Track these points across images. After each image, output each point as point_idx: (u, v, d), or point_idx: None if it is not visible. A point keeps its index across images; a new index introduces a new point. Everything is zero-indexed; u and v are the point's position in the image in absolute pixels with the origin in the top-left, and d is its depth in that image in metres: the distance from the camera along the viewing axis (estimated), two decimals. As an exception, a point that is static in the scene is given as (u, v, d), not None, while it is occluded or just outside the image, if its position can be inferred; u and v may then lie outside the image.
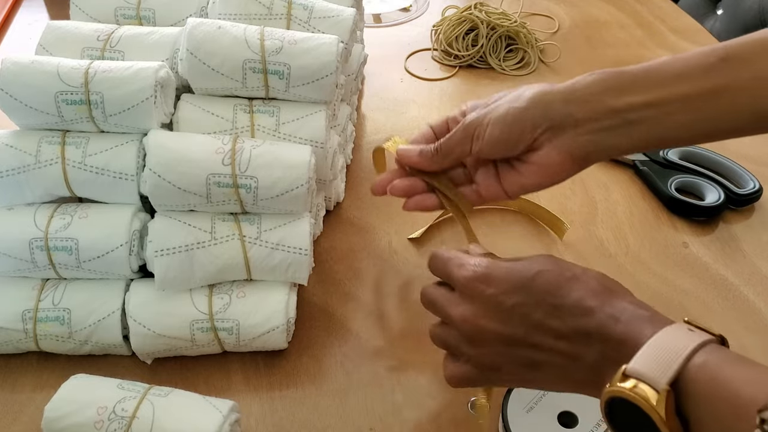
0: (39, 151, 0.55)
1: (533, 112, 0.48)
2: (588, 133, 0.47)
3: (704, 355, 0.35)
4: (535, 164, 0.50)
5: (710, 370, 0.34)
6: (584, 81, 0.48)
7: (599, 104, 0.47)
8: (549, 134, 0.48)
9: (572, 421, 0.50)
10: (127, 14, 0.67)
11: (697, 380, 0.34)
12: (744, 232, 0.70)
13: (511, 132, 0.49)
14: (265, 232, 0.56)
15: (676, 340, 0.35)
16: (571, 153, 0.48)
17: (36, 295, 0.56)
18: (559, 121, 0.48)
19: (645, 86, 0.47)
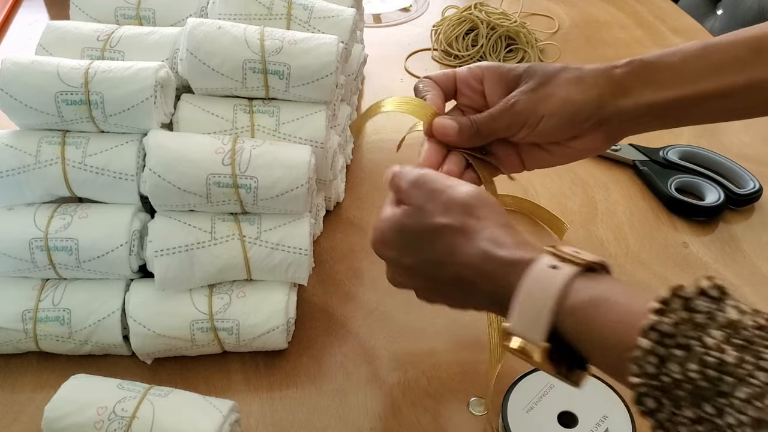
0: (39, 151, 0.55)
1: (589, 109, 0.50)
2: (628, 121, 0.50)
3: (573, 296, 0.37)
4: (575, 149, 0.52)
5: (580, 310, 0.36)
6: (625, 73, 0.50)
7: (641, 98, 0.49)
8: (596, 125, 0.50)
9: (572, 421, 0.50)
10: (127, 14, 0.67)
11: (571, 322, 0.37)
12: (744, 232, 0.70)
13: (564, 126, 0.50)
14: (265, 232, 0.56)
15: (542, 288, 0.37)
16: (611, 137, 0.51)
17: (36, 295, 0.56)
18: (607, 115, 0.50)
19: (681, 80, 0.49)
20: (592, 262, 0.38)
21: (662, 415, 0.33)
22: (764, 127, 0.84)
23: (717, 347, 0.31)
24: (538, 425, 0.49)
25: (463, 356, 0.58)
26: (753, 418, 0.29)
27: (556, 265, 0.38)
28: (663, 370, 0.32)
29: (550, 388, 0.51)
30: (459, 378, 0.56)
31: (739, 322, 0.31)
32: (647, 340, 0.32)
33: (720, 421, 0.30)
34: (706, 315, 0.32)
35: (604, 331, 0.35)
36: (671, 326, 0.32)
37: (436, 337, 0.60)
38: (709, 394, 0.31)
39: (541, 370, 0.39)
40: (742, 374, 0.30)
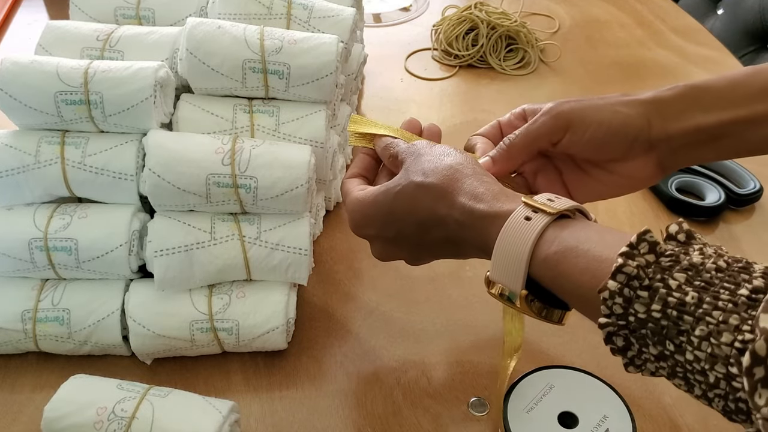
0: (38, 151, 0.55)
1: (639, 123, 0.48)
2: (679, 147, 0.49)
3: (545, 246, 0.39)
4: (623, 175, 0.50)
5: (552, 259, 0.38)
6: (673, 96, 0.49)
7: (690, 121, 0.48)
8: (645, 147, 0.49)
9: (573, 422, 0.50)
10: (126, 14, 0.67)
11: (544, 270, 0.39)
12: (744, 232, 0.70)
13: (614, 138, 0.48)
14: (264, 232, 0.56)
15: (516, 240, 0.39)
16: (663, 166, 0.50)
17: (35, 295, 0.56)
18: (656, 136, 0.49)
19: (731, 102, 0.48)
20: (565, 210, 0.40)
21: (631, 353, 0.35)
22: (765, 127, 0.84)
23: (679, 288, 0.32)
24: (539, 426, 0.49)
25: (463, 356, 0.58)
26: (708, 353, 0.31)
27: (529, 216, 0.40)
28: (629, 311, 0.34)
29: (550, 388, 0.51)
30: (459, 378, 0.56)
31: (701, 265, 0.33)
32: (615, 282, 0.34)
33: (680, 358, 0.32)
34: (671, 258, 0.34)
35: (573, 277, 0.37)
36: (637, 269, 0.33)
37: (436, 337, 0.60)
38: (671, 332, 0.32)
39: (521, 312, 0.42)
40: (700, 313, 0.31)
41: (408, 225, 0.46)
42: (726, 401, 0.31)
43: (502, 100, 0.90)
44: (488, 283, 0.42)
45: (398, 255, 0.50)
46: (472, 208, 0.42)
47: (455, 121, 0.86)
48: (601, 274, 0.35)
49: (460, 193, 0.44)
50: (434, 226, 0.45)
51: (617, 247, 0.35)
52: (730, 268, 0.32)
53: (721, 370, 0.30)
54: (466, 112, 0.88)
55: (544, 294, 0.41)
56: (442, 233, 0.45)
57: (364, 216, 0.48)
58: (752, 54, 1.22)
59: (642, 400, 0.54)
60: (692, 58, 0.98)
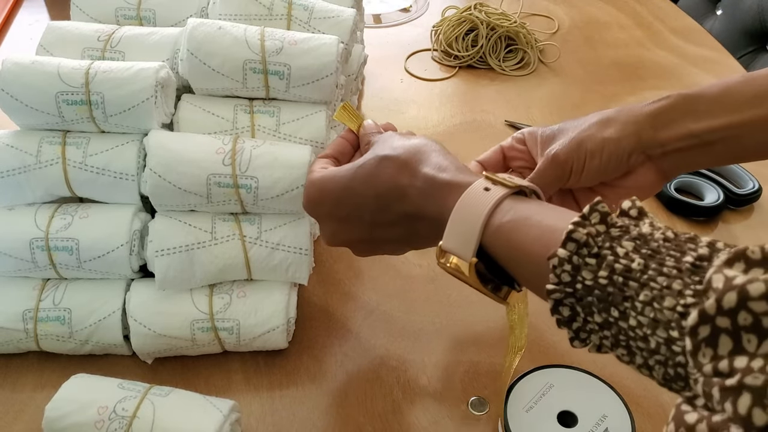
0: (40, 152, 0.55)
1: (627, 142, 0.49)
2: (673, 152, 0.50)
3: (500, 215, 0.40)
4: (628, 187, 0.51)
5: (505, 227, 0.39)
6: (665, 106, 0.50)
7: (681, 128, 0.49)
8: (642, 158, 0.50)
9: (572, 421, 0.50)
10: (127, 15, 0.67)
11: (497, 239, 0.39)
12: (743, 232, 0.70)
13: (609, 162, 0.50)
14: (265, 232, 0.56)
15: (473, 207, 0.40)
16: (663, 172, 0.51)
17: (37, 295, 0.56)
18: (649, 146, 0.50)
19: (723, 109, 0.48)
20: (522, 186, 0.41)
21: (576, 324, 0.36)
22: (763, 128, 0.84)
23: (626, 256, 0.33)
24: (538, 424, 0.49)
25: (463, 356, 0.58)
26: (650, 318, 0.31)
27: (488, 188, 0.41)
28: (577, 278, 0.34)
29: (549, 387, 0.51)
30: (459, 378, 0.57)
31: (650, 235, 0.34)
32: (565, 249, 0.34)
33: (624, 324, 0.33)
34: (621, 228, 0.35)
35: (524, 245, 0.38)
36: (587, 236, 0.34)
37: (436, 337, 0.60)
38: (616, 299, 0.33)
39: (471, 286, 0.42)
40: (645, 279, 0.32)
41: (365, 198, 0.46)
42: (666, 368, 0.32)
43: (502, 100, 0.90)
44: (440, 254, 0.42)
45: (349, 237, 0.49)
46: (435, 177, 0.43)
47: (455, 122, 0.86)
48: (552, 244, 0.36)
49: (425, 164, 0.45)
50: (394, 198, 0.45)
51: (567, 219, 0.36)
52: (678, 238, 0.33)
53: (662, 335, 0.31)
54: (465, 112, 0.88)
55: (493, 270, 0.41)
56: (402, 207, 0.45)
57: (319, 191, 0.48)
58: (751, 54, 1.22)
59: (641, 399, 0.55)
60: (691, 59, 0.99)
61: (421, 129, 0.85)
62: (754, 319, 0.26)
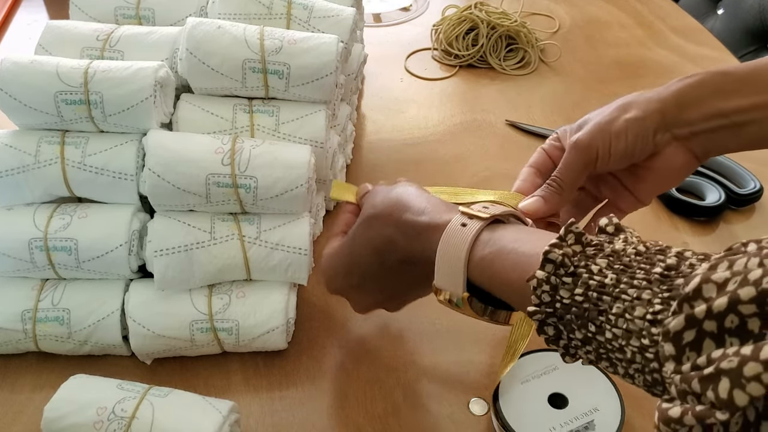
0: (38, 151, 0.55)
1: (652, 121, 0.49)
2: (702, 132, 0.49)
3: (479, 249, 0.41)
4: (658, 168, 0.51)
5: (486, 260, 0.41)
6: (692, 84, 0.49)
7: (710, 107, 0.48)
8: (668, 137, 0.49)
9: (563, 405, 0.51)
10: (126, 14, 0.67)
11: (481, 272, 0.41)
12: (745, 232, 0.70)
13: (636, 142, 0.49)
14: (264, 232, 0.56)
15: (454, 246, 0.42)
16: (693, 151, 0.50)
17: (35, 295, 0.56)
18: (675, 124, 0.49)
19: (752, 88, 0.48)
20: (497, 215, 0.43)
21: (563, 342, 0.37)
22: (765, 127, 0.84)
23: (600, 272, 0.34)
24: (528, 397, 0.51)
25: (463, 356, 0.58)
26: (624, 330, 0.32)
27: (465, 223, 0.42)
28: (556, 298, 0.35)
29: (553, 369, 0.53)
30: (459, 378, 0.56)
31: (622, 251, 0.35)
32: (543, 271, 0.36)
33: (601, 338, 0.34)
34: (595, 247, 0.36)
35: (506, 274, 0.39)
36: (563, 257, 0.35)
37: (436, 337, 0.60)
38: (592, 314, 0.34)
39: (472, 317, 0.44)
40: (617, 293, 0.33)
41: (366, 258, 0.49)
42: (644, 375, 0.33)
43: (502, 100, 0.90)
44: (436, 291, 0.44)
45: (374, 300, 0.52)
46: (415, 221, 0.45)
47: (455, 121, 0.86)
48: (529, 268, 0.37)
49: (406, 211, 0.46)
50: (387, 250, 0.47)
51: (542, 243, 0.37)
52: (649, 251, 0.34)
53: (635, 344, 0.32)
54: (466, 112, 0.88)
55: (488, 296, 0.43)
56: (396, 256, 0.47)
57: (330, 267, 0.52)
58: (752, 54, 1.22)
59: (642, 399, 0.54)
60: (692, 58, 0.98)
61: (421, 129, 0.85)
62: (740, 321, 0.27)
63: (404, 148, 0.82)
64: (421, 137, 0.83)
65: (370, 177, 0.77)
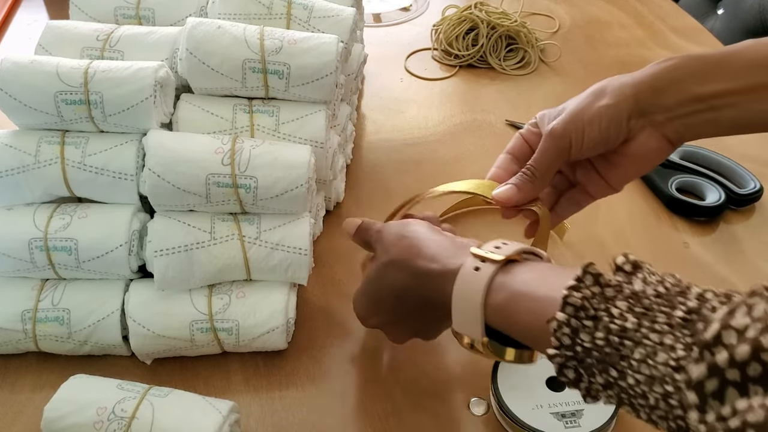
0: (38, 151, 0.55)
1: (625, 105, 0.49)
2: (678, 117, 0.48)
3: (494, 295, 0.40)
4: (632, 154, 0.51)
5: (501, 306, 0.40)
6: (667, 68, 0.49)
7: (685, 92, 0.48)
8: (642, 122, 0.49)
9: (560, 387, 0.51)
10: (126, 14, 0.67)
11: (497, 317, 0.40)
12: (745, 233, 0.70)
13: (609, 129, 0.49)
14: (264, 232, 0.56)
15: (468, 293, 0.41)
16: (667, 137, 0.50)
17: (35, 295, 0.56)
18: (650, 110, 0.49)
19: (729, 73, 0.47)
20: (510, 256, 0.42)
21: (584, 384, 0.36)
22: (765, 127, 0.84)
23: (620, 316, 0.34)
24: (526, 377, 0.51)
25: (463, 356, 0.58)
26: (646, 375, 0.32)
27: (478, 267, 0.42)
28: (576, 341, 0.35)
29: None
30: (459, 378, 0.56)
31: (642, 292, 0.34)
32: (563, 313, 0.35)
33: (623, 383, 0.33)
34: (614, 288, 0.35)
35: (521, 319, 0.39)
36: (582, 300, 0.35)
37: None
38: (614, 359, 0.33)
39: None
40: (638, 337, 0.33)
41: (389, 301, 0.49)
42: (668, 421, 0.32)
43: (502, 100, 0.90)
44: (456, 335, 0.45)
45: (406, 332, 0.52)
46: (428, 269, 0.45)
47: (455, 121, 0.86)
48: (545, 312, 0.36)
49: (418, 257, 0.46)
50: (406, 295, 0.48)
51: (558, 284, 0.36)
52: (669, 292, 0.34)
53: (659, 390, 0.31)
54: (466, 112, 0.88)
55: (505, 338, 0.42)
56: (416, 300, 0.48)
57: (361, 309, 0.52)
58: (752, 54, 1.21)
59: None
60: (692, 58, 0.98)
61: (421, 129, 0.85)
62: (763, 369, 0.26)
63: (404, 148, 0.82)
64: (421, 137, 0.83)
65: (370, 177, 0.77)
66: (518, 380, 0.52)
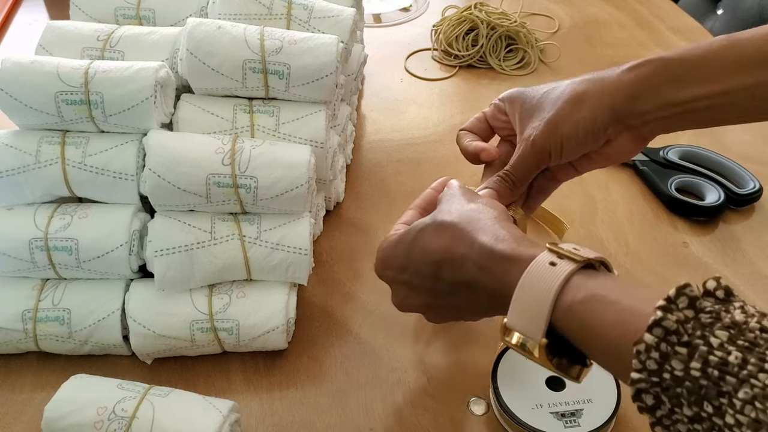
0: (39, 151, 0.55)
1: (602, 118, 0.49)
2: (655, 120, 0.49)
3: (571, 293, 0.37)
4: (608, 153, 0.52)
5: (578, 307, 0.37)
6: (644, 75, 0.48)
7: (662, 98, 0.48)
8: (619, 128, 0.50)
9: (560, 387, 0.51)
10: (126, 14, 0.67)
11: (569, 319, 0.37)
12: (744, 232, 0.70)
13: (587, 140, 0.50)
14: (264, 232, 0.56)
15: (540, 285, 0.38)
16: (643, 136, 0.51)
17: (36, 295, 0.56)
18: (627, 117, 0.49)
19: (705, 76, 0.47)
20: (591, 259, 0.39)
21: (660, 412, 0.33)
22: (764, 127, 0.84)
23: (721, 347, 0.31)
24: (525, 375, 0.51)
25: (463, 356, 0.58)
26: (752, 419, 0.29)
27: (554, 262, 0.38)
28: (665, 367, 0.32)
29: None
30: (459, 378, 0.56)
31: (744, 324, 0.31)
32: (651, 335, 0.32)
33: (719, 421, 0.31)
34: (711, 315, 0.32)
35: (602, 328, 0.36)
36: (676, 323, 0.32)
37: (436, 337, 0.60)
38: (710, 393, 0.31)
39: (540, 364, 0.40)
40: (744, 375, 0.30)
41: (422, 266, 0.45)
42: None
43: (502, 100, 0.90)
44: (504, 331, 0.40)
45: (414, 302, 0.49)
46: (493, 249, 0.41)
47: (455, 121, 0.86)
48: (634, 328, 0.33)
49: (481, 232, 0.43)
50: (448, 267, 0.44)
51: (649, 299, 0.33)
52: None
53: None
54: (466, 112, 0.88)
55: (562, 346, 0.39)
56: (456, 276, 0.43)
57: (386, 256, 0.49)
58: (752, 54, 1.22)
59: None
60: (692, 59, 0.98)
61: (421, 129, 0.85)
62: None
63: (404, 148, 0.82)
64: (421, 137, 0.83)
65: (370, 177, 0.77)
66: (518, 380, 0.52)
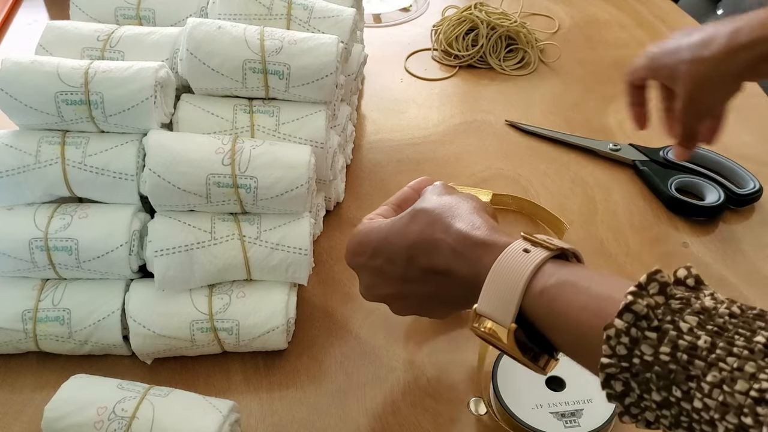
0: (39, 151, 0.55)
1: None
2: None
3: (542, 279, 0.37)
4: None
5: (549, 293, 0.37)
6: None
7: None
8: None
9: (560, 387, 0.51)
10: (127, 14, 0.67)
11: (539, 305, 0.37)
12: (744, 232, 0.70)
13: None
14: (264, 232, 0.56)
15: (513, 270, 0.38)
16: None
17: (36, 295, 0.56)
18: None
19: None
20: (564, 249, 0.39)
21: (629, 400, 0.33)
22: (765, 127, 0.84)
23: (690, 332, 0.31)
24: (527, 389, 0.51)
25: (463, 356, 0.58)
26: (720, 402, 0.29)
27: (528, 249, 0.39)
28: (635, 352, 0.32)
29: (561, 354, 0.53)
30: (459, 378, 0.56)
31: (713, 309, 0.32)
32: (622, 321, 0.32)
33: (687, 405, 0.31)
34: (681, 301, 0.33)
35: (572, 313, 0.36)
36: (647, 308, 0.32)
37: (436, 337, 0.60)
38: (680, 377, 0.31)
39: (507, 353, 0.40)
40: (713, 359, 0.30)
41: (398, 249, 0.45)
42: None
43: (502, 100, 0.90)
44: (475, 318, 0.40)
45: (382, 292, 0.49)
46: (468, 234, 0.42)
47: (455, 122, 0.86)
48: (604, 313, 0.34)
49: (458, 219, 0.43)
50: (423, 251, 0.44)
51: (620, 286, 0.34)
52: (744, 314, 0.32)
53: (733, 421, 0.29)
54: (466, 112, 0.88)
55: (532, 335, 0.39)
56: (429, 261, 0.43)
57: (358, 242, 0.48)
58: (752, 54, 1.22)
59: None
60: (692, 59, 0.98)
61: (421, 129, 0.85)
62: None
63: (404, 148, 0.82)
64: (421, 137, 0.83)
65: (370, 177, 0.77)
66: (518, 380, 0.52)
